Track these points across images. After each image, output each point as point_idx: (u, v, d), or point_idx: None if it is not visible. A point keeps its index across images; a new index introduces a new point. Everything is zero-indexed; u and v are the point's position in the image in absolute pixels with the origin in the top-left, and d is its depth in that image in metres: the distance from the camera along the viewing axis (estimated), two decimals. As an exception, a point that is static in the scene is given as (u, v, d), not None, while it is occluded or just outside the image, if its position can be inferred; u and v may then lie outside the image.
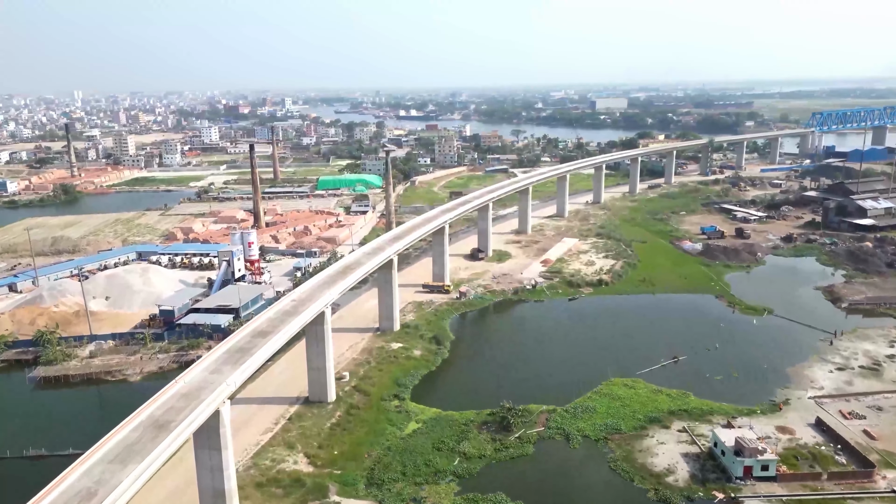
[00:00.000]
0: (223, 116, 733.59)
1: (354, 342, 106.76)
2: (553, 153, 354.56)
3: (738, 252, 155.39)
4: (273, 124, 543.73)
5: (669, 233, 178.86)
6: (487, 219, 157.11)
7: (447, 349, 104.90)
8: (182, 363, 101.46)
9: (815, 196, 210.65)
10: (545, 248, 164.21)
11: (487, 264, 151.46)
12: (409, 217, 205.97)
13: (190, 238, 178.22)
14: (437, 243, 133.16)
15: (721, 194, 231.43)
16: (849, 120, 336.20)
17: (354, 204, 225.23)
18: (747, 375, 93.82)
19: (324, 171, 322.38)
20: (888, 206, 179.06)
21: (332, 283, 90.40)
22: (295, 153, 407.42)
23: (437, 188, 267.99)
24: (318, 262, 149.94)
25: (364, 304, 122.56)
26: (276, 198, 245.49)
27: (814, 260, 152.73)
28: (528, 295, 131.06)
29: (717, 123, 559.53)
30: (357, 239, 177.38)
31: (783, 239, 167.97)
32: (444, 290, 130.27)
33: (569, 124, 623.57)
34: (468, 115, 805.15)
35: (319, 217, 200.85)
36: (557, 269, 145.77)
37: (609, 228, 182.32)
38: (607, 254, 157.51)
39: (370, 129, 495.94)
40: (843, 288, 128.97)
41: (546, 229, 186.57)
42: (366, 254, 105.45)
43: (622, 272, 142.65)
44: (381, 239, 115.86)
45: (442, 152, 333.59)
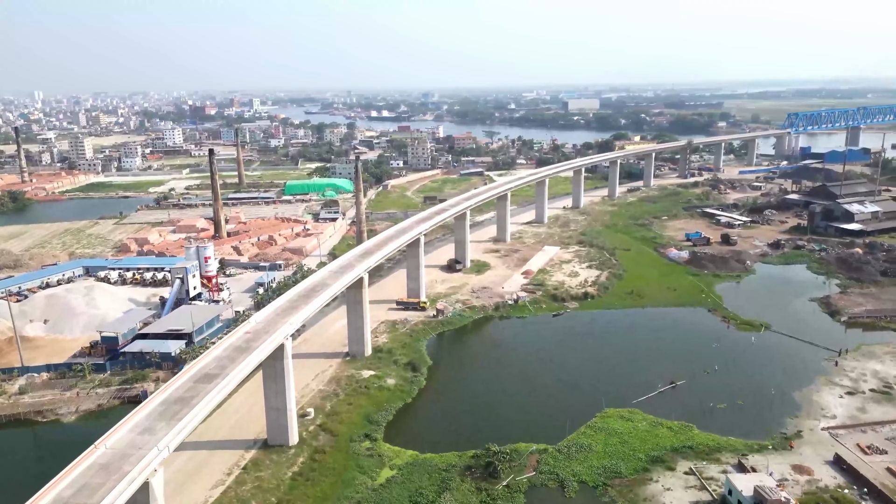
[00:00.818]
0: (188, 118, 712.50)
1: (321, 370, 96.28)
2: (528, 155, 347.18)
3: (726, 260, 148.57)
4: (239, 126, 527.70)
5: (653, 239, 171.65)
6: (465, 227, 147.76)
7: (424, 377, 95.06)
8: (125, 399, 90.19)
9: (798, 199, 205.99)
10: (526, 257, 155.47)
11: (466, 276, 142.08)
12: (381, 224, 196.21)
13: (144, 250, 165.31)
14: (412, 256, 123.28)
15: (702, 198, 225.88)
16: (824, 121, 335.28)
17: (323, 210, 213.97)
18: (752, 402, 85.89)
19: (292, 174, 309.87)
20: (875, 209, 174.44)
21: (294, 310, 79.87)
22: (262, 156, 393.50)
23: (410, 192, 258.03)
24: (283, 277, 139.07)
25: (331, 326, 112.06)
26: (240, 204, 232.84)
27: (804, 268, 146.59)
28: (511, 311, 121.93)
29: (690, 124, 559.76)
30: (326, 249, 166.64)
31: (771, 245, 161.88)
32: (419, 306, 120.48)
33: (542, 125, 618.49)
34: (441, 115, 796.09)
35: (286, 225, 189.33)
36: (540, 280, 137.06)
37: (591, 235, 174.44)
38: (591, 263, 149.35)
39: (341, 130, 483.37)
40: (840, 299, 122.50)
41: (526, 237, 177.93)
42: (332, 273, 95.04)
43: (608, 284, 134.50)
44: (350, 254, 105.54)
45: (415, 155, 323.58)
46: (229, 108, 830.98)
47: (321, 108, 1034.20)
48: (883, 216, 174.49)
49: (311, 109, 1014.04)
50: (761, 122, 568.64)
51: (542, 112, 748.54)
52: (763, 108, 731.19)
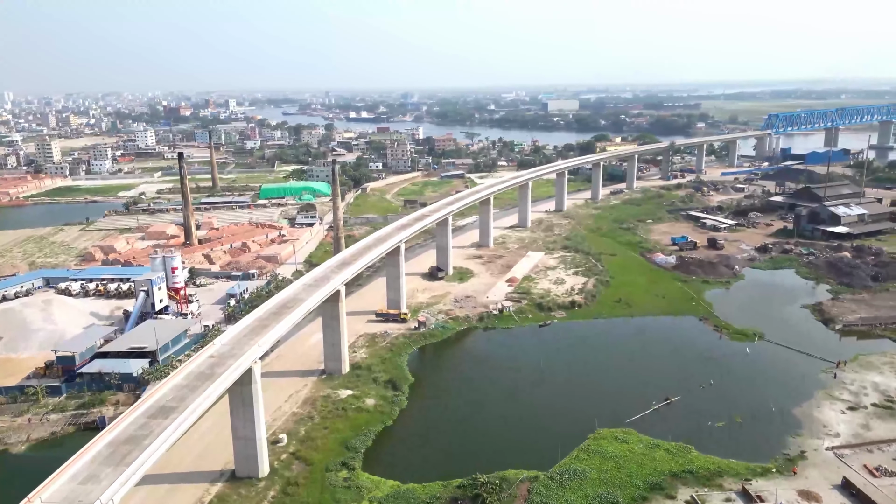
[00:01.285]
0: (162, 119, 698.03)
1: (295, 390, 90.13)
2: (509, 157, 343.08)
3: (714, 266, 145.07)
4: (214, 127, 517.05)
5: (639, 244, 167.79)
6: (447, 233, 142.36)
7: (405, 396, 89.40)
8: (81, 425, 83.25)
9: (783, 202, 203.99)
10: (510, 264, 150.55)
11: (448, 285, 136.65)
12: (360, 229, 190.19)
13: (110, 259, 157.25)
14: (392, 265, 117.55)
15: (686, 200, 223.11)
16: (803, 122, 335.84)
17: (300, 215, 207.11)
18: (752, 420, 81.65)
19: (268, 177, 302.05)
20: (861, 212, 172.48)
21: (263, 329, 73.73)
22: (237, 158, 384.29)
23: (390, 196, 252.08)
24: (256, 286, 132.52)
25: (307, 341, 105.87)
26: (213, 209, 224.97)
27: (793, 273, 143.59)
28: (496, 322, 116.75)
29: (669, 125, 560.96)
30: (302, 256, 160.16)
31: (758, 249, 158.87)
32: (400, 318, 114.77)
33: (522, 126, 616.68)
34: (420, 116, 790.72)
35: (260, 231, 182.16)
36: (525, 288, 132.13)
37: (576, 240, 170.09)
38: (577, 270, 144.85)
39: (318, 131, 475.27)
40: (833, 306, 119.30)
41: (509, 242, 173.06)
42: (306, 286, 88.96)
43: (595, 292, 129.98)
44: (326, 266, 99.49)
45: (394, 157, 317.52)
46: (204, 110, 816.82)
47: (299, 109, 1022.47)
48: (869, 219, 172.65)
49: (288, 110, 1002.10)
50: (739, 122, 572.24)
51: (522, 113, 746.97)
52: (740, 109, 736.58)
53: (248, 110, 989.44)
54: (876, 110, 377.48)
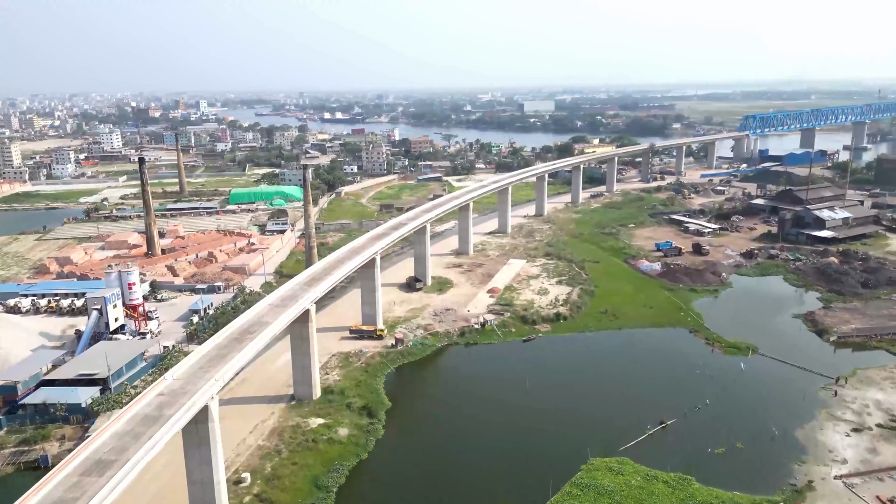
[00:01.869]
0: (131, 121, 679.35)
1: (261, 419, 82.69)
2: (487, 159, 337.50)
3: (701, 273, 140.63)
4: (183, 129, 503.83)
5: (622, 250, 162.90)
6: (425, 242, 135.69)
7: (382, 423, 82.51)
8: (21, 465, 74.90)
9: (764, 205, 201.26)
10: (490, 272, 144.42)
11: (426, 296, 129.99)
12: (333, 236, 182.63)
13: (65, 271, 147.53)
14: (367, 278, 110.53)
15: (667, 203, 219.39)
16: (779, 123, 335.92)
17: (271, 221, 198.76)
18: (753, 445, 76.43)
19: (238, 181, 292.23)
20: (845, 215, 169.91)
21: (222, 359, 66.23)
22: (208, 161, 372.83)
23: (365, 200, 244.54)
24: (222, 300, 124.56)
25: (274, 362, 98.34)
26: (179, 215, 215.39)
27: (781, 279, 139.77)
28: (478, 337, 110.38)
29: (645, 126, 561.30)
30: (272, 266, 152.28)
31: (744, 255, 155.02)
32: (376, 335, 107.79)
33: (499, 127, 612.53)
34: (396, 117, 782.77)
35: (228, 239, 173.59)
36: (507, 299, 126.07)
37: (558, 247, 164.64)
38: (560, 279, 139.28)
39: (292, 133, 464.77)
40: (826, 316, 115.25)
41: (489, 248, 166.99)
42: (273, 306, 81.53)
43: (580, 302, 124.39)
44: (295, 282, 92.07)
45: (370, 159, 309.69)
46: (174, 111, 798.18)
47: (273, 110, 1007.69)
48: (853, 222, 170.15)
49: (261, 111, 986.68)
50: (714, 123, 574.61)
51: (499, 114, 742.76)
52: (714, 110, 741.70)
53: (221, 111, 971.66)
54: (850, 111, 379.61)
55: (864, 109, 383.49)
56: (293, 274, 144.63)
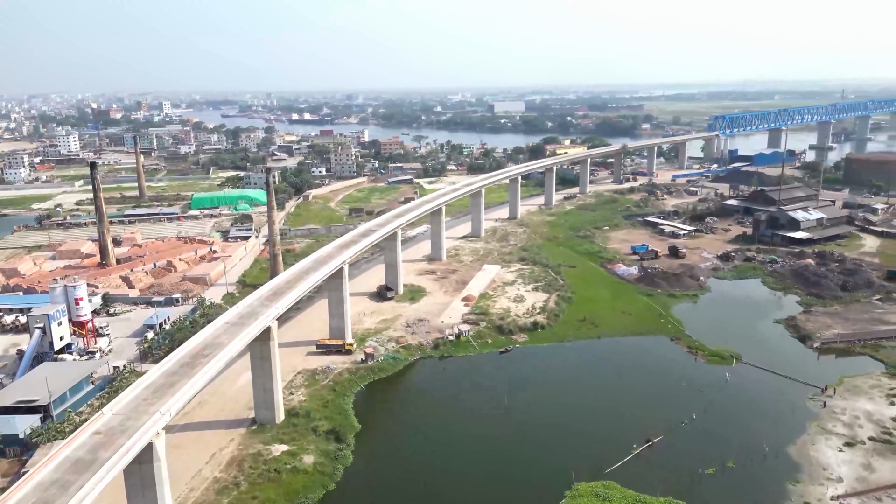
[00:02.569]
0: (90, 122, 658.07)
1: (219, 447, 76.05)
2: (458, 160, 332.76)
3: (679, 277, 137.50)
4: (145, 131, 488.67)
5: (598, 254, 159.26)
6: (396, 249, 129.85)
7: (350, 449, 76.59)
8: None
9: (738, 205, 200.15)
10: (465, 279, 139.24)
11: (398, 306, 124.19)
12: (300, 242, 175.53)
13: (11, 284, 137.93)
14: (335, 289, 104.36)
15: (640, 205, 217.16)
16: (747, 123, 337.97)
17: (234, 227, 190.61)
18: (744, 463, 72.52)
19: (202, 185, 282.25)
20: (819, 216, 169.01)
21: (170, 389, 59.63)
22: (170, 164, 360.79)
23: (334, 203, 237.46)
24: (181, 314, 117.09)
25: (235, 381, 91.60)
26: (138, 222, 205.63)
27: (759, 282, 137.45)
28: (452, 349, 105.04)
29: (615, 127, 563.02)
30: (235, 275, 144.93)
31: (720, 258, 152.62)
32: (344, 349, 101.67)
33: (470, 128, 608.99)
34: (366, 118, 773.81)
35: (188, 247, 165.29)
36: (483, 308, 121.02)
37: (533, 251, 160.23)
38: (537, 285, 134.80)
39: (258, 135, 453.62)
40: (807, 321, 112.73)
41: (462, 253, 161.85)
42: (230, 326, 74.95)
43: (558, 310, 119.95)
44: (256, 297, 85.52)
45: (338, 161, 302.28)
46: (137, 112, 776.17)
47: (239, 111, 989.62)
48: (827, 223, 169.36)
49: (228, 112, 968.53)
50: (683, 123, 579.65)
51: (469, 115, 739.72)
52: (681, 110, 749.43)
53: (186, 112, 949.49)
54: (815, 111, 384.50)
55: (829, 109, 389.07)
56: (257, 283, 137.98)
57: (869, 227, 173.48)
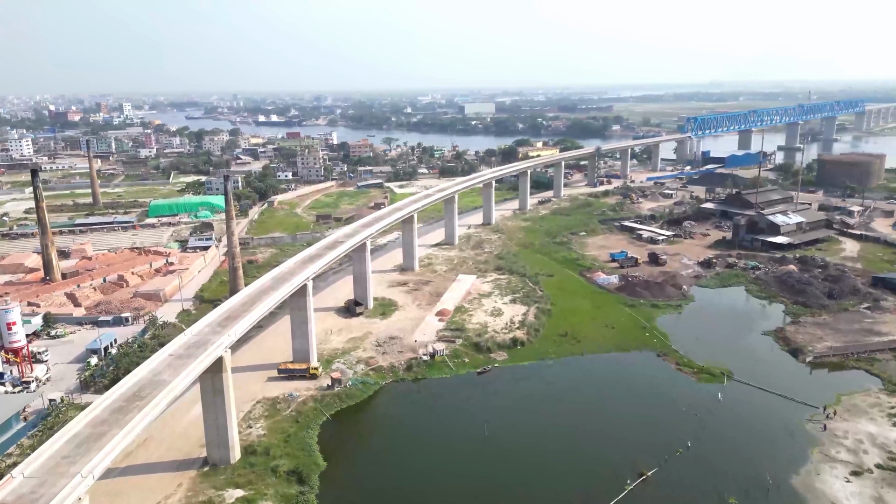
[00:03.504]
0: (47, 125, 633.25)
1: (164, 495, 67.29)
2: (430, 163, 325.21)
3: (661, 286, 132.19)
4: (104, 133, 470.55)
5: (576, 262, 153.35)
6: (365, 260, 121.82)
7: (315, 492, 68.55)
8: None
9: (714, 209, 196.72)
10: (439, 291, 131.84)
11: (369, 322, 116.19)
12: (264, 251, 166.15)
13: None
14: (298, 308, 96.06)
15: (616, 209, 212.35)
16: (718, 125, 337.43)
17: (193, 237, 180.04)
18: (747, 500, 66.54)
19: (162, 190, 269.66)
20: (798, 220, 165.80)
21: (96, 443, 50.77)
22: (129, 168, 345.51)
23: (300, 209, 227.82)
24: (132, 334, 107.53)
25: (185, 415, 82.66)
26: (90, 231, 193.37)
27: (743, 290, 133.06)
28: (427, 371, 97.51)
29: (585, 128, 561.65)
30: (192, 290, 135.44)
31: (701, 264, 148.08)
32: (309, 374, 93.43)
33: (440, 130, 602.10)
34: (334, 120, 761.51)
35: (143, 259, 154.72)
36: (459, 323, 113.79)
37: (509, 259, 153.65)
38: (514, 296, 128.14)
39: (222, 137, 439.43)
40: (797, 333, 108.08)
41: (436, 263, 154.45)
42: (175, 359, 66.22)
43: (538, 324, 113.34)
44: (206, 322, 76.76)
45: (306, 165, 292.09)
46: (97, 114, 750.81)
47: (205, 113, 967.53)
48: (807, 227, 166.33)
49: (193, 114, 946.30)
50: (653, 125, 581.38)
51: (440, 116, 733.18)
52: (650, 111, 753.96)
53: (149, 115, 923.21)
54: (783, 112, 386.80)
55: (798, 111, 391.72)
56: (215, 299, 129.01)
57: (847, 231, 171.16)
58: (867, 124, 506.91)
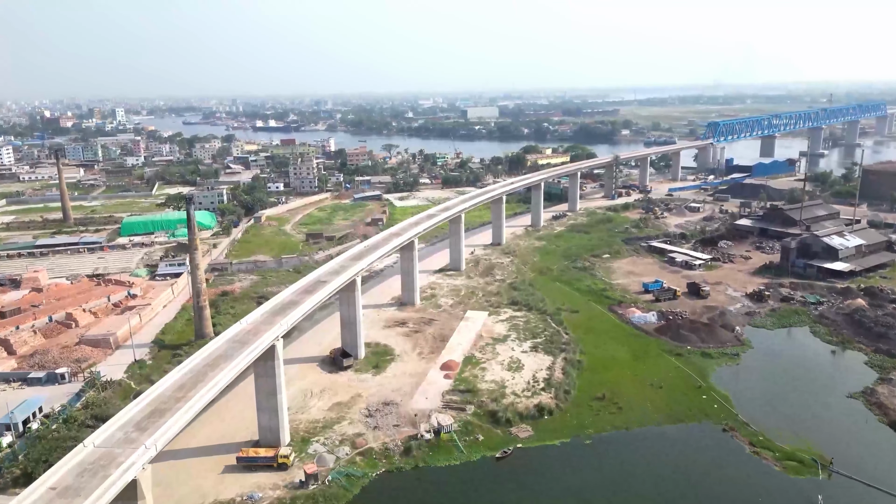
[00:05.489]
0: (39, 131, 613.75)
1: None
2: (432, 172, 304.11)
3: (710, 328, 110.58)
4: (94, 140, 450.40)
5: (603, 293, 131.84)
6: (355, 302, 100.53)
7: None
8: None
9: (752, 226, 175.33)
10: (444, 333, 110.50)
11: (358, 379, 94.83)
12: (243, 279, 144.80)
13: None
14: (264, 374, 74.78)
15: (640, 225, 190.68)
16: (743, 130, 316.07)
17: (165, 261, 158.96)
18: None
19: (142, 203, 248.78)
20: (858, 242, 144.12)
21: None
22: (112, 179, 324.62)
23: (290, 226, 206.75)
24: (66, 396, 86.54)
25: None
26: (52, 253, 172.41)
27: (807, 332, 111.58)
28: (430, 455, 75.97)
29: (593, 133, 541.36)
30: (153, 331, 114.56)
31: (750, 297, 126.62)
32: (277, 463, 72.05)
33: (442, 135, 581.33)
34: (334, 125, 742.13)
35: (101, 291, 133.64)
36: (469, 381, 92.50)
37: (525, 291, 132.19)
38: (535, 341, 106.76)
39: (214, 145, 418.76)
40: (892, 395, 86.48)
41: (440, 294, 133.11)
42: (81, 473, 44.69)
43: (567, 382, 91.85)
44: (156, 393, 55.34)
45: (298, 175, 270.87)
46: (89, 120, 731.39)
47: (203, 118, 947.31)
48: (867, 250, 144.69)
49: (190, 119, 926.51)
50: (663, 129, 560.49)
51: (442, 121, 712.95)
52: (657, 115, 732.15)
53: (146, 120, 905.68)
54: (807, 116, 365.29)
55: (821, 114, 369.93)
56: (178, 343, 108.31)
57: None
58: (889, 128, 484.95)
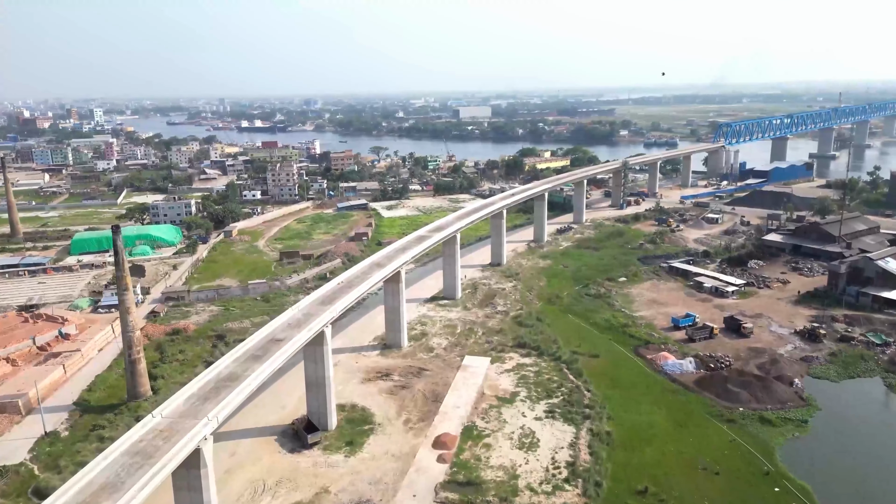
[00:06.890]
0: (11, 133, 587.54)
1: None
2: (423, 178, 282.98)
3: (765, 382, 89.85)
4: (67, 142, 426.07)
5: (625, 329, 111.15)
6: (324, 358, 79.24)
7: None
8: None
9: (783, 242, 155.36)
10: (437, 390, 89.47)
11: (326, 463, 73.50)
12: (202, 312, 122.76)
13: None
14: (189, 488, 53.47)
15: (655, 240, 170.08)
16: (754, 131, 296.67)
17: (110, 289, 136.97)
18: None
19: (105, 214, 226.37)
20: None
21: None
22: (80, 185, 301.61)
23: (264, 241, 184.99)
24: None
25: None
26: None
27: (881, 384, 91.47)
28: None
29: (591, 134, 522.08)
30: (80, 386, 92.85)
31: (800, 334, 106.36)
32: None
33: (434, 136, 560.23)
34: (322, 125, 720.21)
35: (27, 330, 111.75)
36: (470, 468, 71.43)
37: (533, 327, 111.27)
38: (550, 402, 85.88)
39: (191, 148, 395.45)
40: None
41: (432, 333, 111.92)
42: None
43: (596, 469, 70.91)
44: None
45: (277, 182, 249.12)
46: (66, 120, 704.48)
47: (188, 118, 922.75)
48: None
49: (175, 119, 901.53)
50: (663, 130, 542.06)
51: (433, 121, 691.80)
52: (654, 115, 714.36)
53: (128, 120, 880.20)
54: (819, 117, 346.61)
55: (832, 115, 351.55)
56: (105, 405, 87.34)
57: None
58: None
